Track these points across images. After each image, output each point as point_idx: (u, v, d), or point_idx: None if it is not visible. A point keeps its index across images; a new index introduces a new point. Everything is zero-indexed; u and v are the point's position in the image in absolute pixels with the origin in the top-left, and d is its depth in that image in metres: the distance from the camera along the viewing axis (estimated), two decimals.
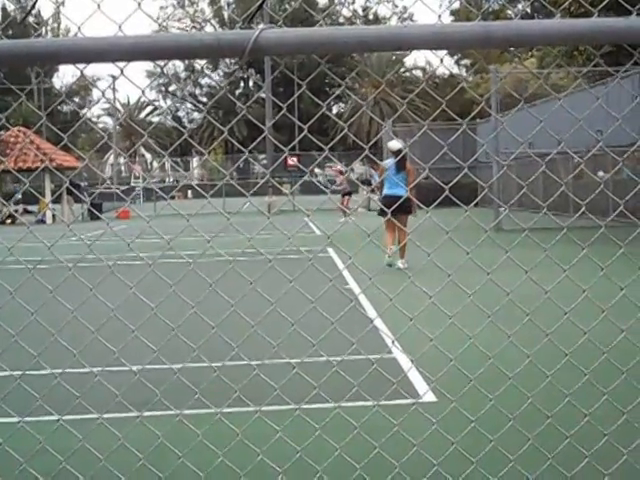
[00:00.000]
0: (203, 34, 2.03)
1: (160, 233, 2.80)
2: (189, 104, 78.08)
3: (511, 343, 3.02)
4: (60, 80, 76.99)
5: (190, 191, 56.72)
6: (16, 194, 34.68)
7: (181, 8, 74.36)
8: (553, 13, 2.50)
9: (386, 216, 10.67)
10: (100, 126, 73.43)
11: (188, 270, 2.75)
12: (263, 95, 56.13)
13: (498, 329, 3.02)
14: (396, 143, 12.35)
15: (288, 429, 3.25)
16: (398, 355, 6.01)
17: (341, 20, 71.97)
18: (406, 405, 4.24)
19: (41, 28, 57.92)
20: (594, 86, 20.66)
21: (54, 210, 32.12)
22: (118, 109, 75.99)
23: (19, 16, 65.38)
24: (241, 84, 78.41)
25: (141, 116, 78.20)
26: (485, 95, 26.63)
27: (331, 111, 69.52)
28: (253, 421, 3.27)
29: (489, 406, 3.02)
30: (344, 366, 3.52)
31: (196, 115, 77.73)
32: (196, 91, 79.27)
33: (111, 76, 53.55)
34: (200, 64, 64.49)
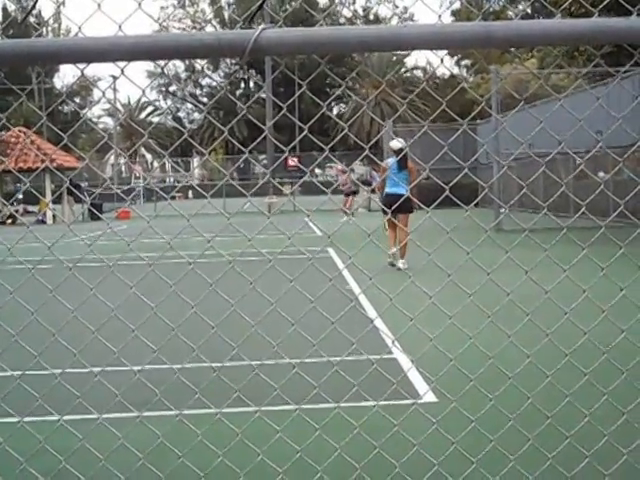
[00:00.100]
0: (203, 34, 2.03)
1: (160, 233, 2.80)
2: (189, 104, 78.15)
3: (511, 343, 3.02)
4: (61, 80, 77.24)
5: (191, 191, 56.75)
6: (17, 194, 34.69)
7: (181, 8, 74.41)
8: (554, 14, 2.50)
9: (387, 215, 10.67)
10: (101, 126, 73.52)
11: (188, 270, 2.75)
12: (264, 95, 56.17)
13: (498, 329, 3.02)
14: (397, 142, 12.36)
15: (288, 429, 3.25)
16: (398, 355, 6.01)
17: (342, 20, 71.98)
18: (406, 405, 4.24)
19: (42, 28, 57.92)
20: (595, 87, 20.66)
21: (54, 210, 32.13)
22: (118, 109, 76.02)
23: (20, 16, 65.43)
24: (242, 84, 78.46)
25: (142, 116, 78.26)
26: (485, 95, 26.63)
27: (332, 111, 69.52)
28: (253, 421, 3.27)
29: (489, 406, 3.02)
30: (344, 366, 3.52)
31: (197, 115, 77.84)
32: (197, 91, 79.35)
33: (112, 76, 53.46)
34: (201, 64, 64.50)
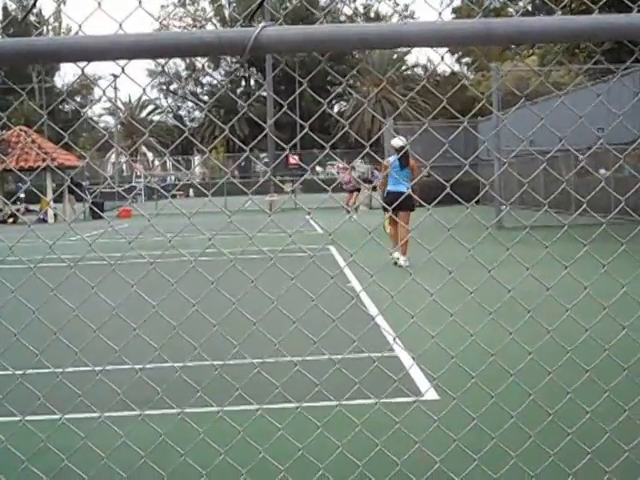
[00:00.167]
0: (204, 32, 2.03)
1: (161, 232, 2.80)
2: (190, 103, 78.11)
3: (513, 340, 3.02)
4: (61, 79, 77.18)
5: (192, 190, 56.76)
6: (18, 193, 34.67)
7: (182, 7, 74.39)
8: (554, 10, 2.50)
9: (389, 212, 10.66)
10: (101, 125, 73.53)
11: (189, 268, 2.75)
12: (264, 93, 56.13)
13: (499, 326, 3.02)
14: (398, 140, 12.36)
15: (290, 427, 3.26)
16: (400, 352, 6.02)
17: (342, 18, 71.92)
18: (408, 402, 4.25)
19: (42, 27, 57.94)
20: (595, 83, 20.64)
21: (56, 209, 32.14)
22: (119, 108, 76.00)
23: (20, 15, 65.43)
24: (242, 82, 78.44)
25: (142, 115, 78.23)
26: (486, 93, 26.63)
27: (332, 109, 69.55)
28: (255, 419, 3.28)
29: (491, 403, 3.02)
30: (346, 364, 3.52)
31: (197, 114, 77.77)
32: (197, 90, 79.33)
33: (112, 75, 53.46)
34: (201, 62, 64.50)
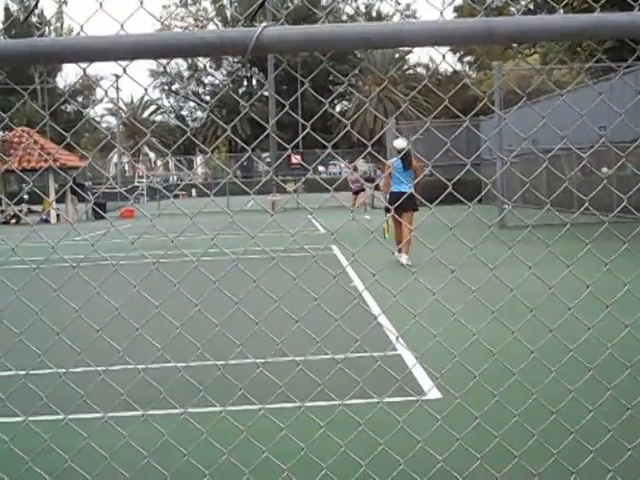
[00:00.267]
0: (205, 32, 2.04)
1: (164, 232, 2.80)
2: (192, 103, 78.17)
3: (515, 339, 3.02)
4: (63, 79, 77.31)
5: (194, 190, 56.79)
6: (21, 194, 34.74)
7: (184, 7, 74.41)
8: (555, 9, 2.50)
9: (392, 212, 10.66)
10: (104, 125, 73.51)
11: (192, 268, 2.75)
12: (266, 93, 56.12)
13: (502, 325, 3.02)
14: (401, 142, 12.32)
15: (293, 426, 3.26)
16: (402, 352, 6.02)
17: (344, 18, 71.91)
18: (411, 402, 4.25)
19: (44, 27, 57.96)
20: (597, 82, 20.62)
21: (58, 210, 32.16)
22: (121, 108, 76.05)
23: (22, 16, 65.49)
24: (244, 82, 78.48)
25: (144, 115, 78.30)
26: (488, 92, 26.61)
27: (334, 109, 69.50)
28: (258, 419, 3.28)
29: (494, 402, 3.02)
30: (348, 363, 3.52)
31: (199, 114, 77.83)
32: (199, 90, 79.36)
33: (114, 75, 53.54)
34: (203, 63, 64.48)
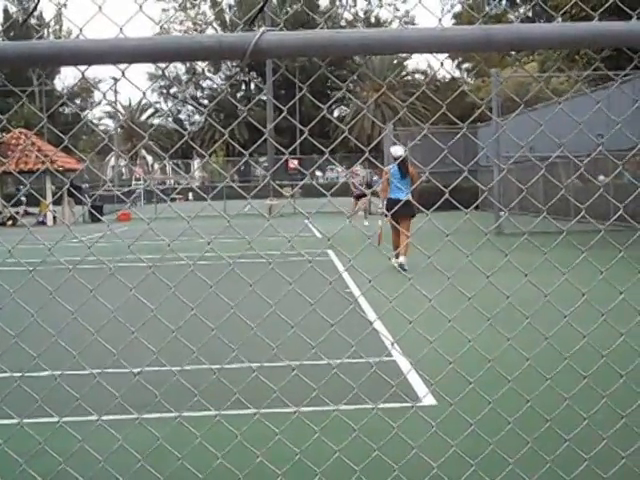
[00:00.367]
0: (204, 36, 2.04)
1: (160, 235, 2.80)
2: (190, 106, 78.15)
3: (510, 346, 3.02)
4: (62, 82, 77.25)
5: (191, 193, 56.77)
6: (18, 196, 34.67)
7: (183, 11, 74.41)
8: (554, 18, 2.50)
9: (389, 218, 10.68)
10: (101, 128, 73.46)
11: (188, 272, 2.75)
12: (264, 98, 56.19)
13: (497, 332, 3.02)
14: (399, 149, 12.35)
15: (287, 431, 3.26)
16: (398, 358, 6.02)
17: (342, 23, 72.00)
18: (405, 408, 4.25)
19: (43, 30, 57.98)
20: (595, 90, 20.67)
21: (55, 212, 32.12)
22: (119, 111, 76.03)
23: (21, 18, 65.50)
24: (242, 87, 78.49)
25: (142, 118, 78.26)
26: (486, 99, 26.64)
27: (332, 114, 69.56)
28: (252, 423, 3.27)
29: (488, 409, 3.02)
30: (343, 369, 3.52)
31: (197, 117, 77.79)
32: (197, 94, 79.33)
33: (112, 78, 53.50)
34: (201, 67, 64.49)
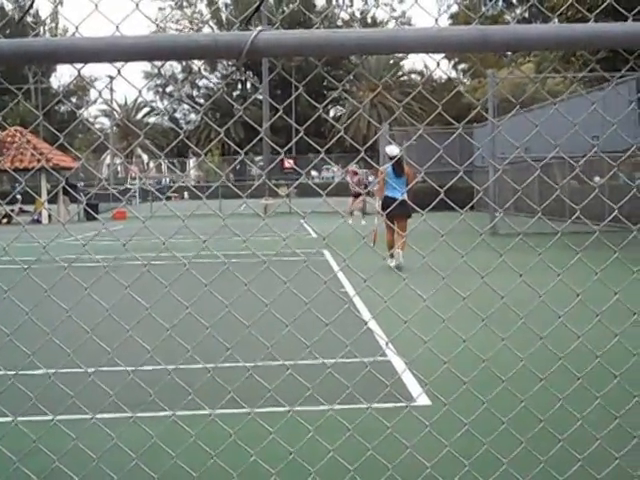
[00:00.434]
0: (200, 35, 2.04)
1: (156, 234, 2.80)
2: (186, 105, 78.05)
3: (505, 346, 3.02)
4: (57, 80, 77.07)
5: (186, 192, 56.74)
6: (14, 193, 34.59)
7: (179, 9, 74.32)
8: (550, 18, 2.51)
9: (384, 217, 10.69)
10: (97, 126, 73.39)
11: (183, 271, 2.75)
12: (260, 97, 56.16)
13: (492, 332, 3.03)
14: (394, 148, 12.33)
15: (281, 430, 3.26)
16: (392, 358, 6.02)
17: (339, 23, 72.02)
18: (399, 408, 4.25)
19: (39, 28, 57.89)
20: (590, 91, 20.71)
21: (50, 210, 32.07)
22: (115, 109, 75.92)
23: (17, 15, 65.36)
24: (238, 86, 78.47)
25: (138, 117, 78.20)
26: (482, 99, 26.69)
27: (328, 114, 69.57)
28: (246, 422, 3.27)
29: (482, 409, 3.03)
30: (338, 368, 3.53)
31: (193, 116, 77.73)
32: (193, 92, 79.28)
33: (108, 76, 53.40)
34: (197, 65, 64.41)
